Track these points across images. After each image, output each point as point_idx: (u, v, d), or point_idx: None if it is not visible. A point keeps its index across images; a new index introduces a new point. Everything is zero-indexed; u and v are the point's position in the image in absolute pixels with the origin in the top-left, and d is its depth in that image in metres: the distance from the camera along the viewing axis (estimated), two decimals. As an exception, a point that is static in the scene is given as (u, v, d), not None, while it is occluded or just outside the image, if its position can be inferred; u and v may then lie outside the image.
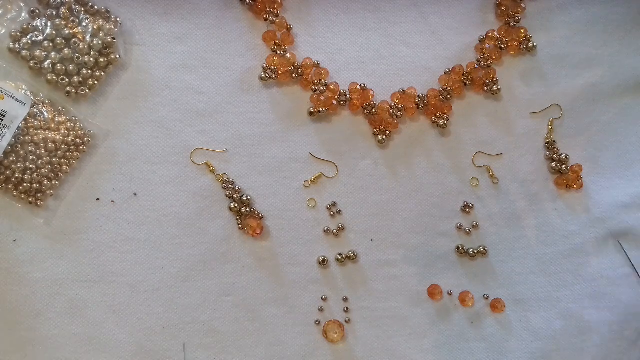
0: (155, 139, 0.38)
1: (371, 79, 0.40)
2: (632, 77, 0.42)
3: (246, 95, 0.39)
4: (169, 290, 0.37)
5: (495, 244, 0.40)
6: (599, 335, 0.39)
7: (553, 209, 0.41)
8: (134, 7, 0.39)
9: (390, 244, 0.39)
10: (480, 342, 0.39)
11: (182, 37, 0.39)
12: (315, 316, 0.38)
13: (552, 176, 0.41)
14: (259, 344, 0.37)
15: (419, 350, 0.38)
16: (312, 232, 0.39)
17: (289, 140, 0.39)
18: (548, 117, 0.41)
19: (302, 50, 0.40)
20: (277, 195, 0.39)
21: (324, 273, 0.39)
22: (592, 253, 0.40)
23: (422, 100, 0.40)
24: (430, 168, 0.40)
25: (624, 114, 0.42)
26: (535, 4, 0.42)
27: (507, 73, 0.41)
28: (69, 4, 0.38)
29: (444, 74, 0.41)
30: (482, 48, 0.41)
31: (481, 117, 0.41)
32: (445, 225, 0.40)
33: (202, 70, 0.39)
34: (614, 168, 0.41)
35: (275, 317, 0.38)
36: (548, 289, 0.40)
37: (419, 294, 0.39)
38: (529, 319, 0.39)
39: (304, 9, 0.41)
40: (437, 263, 0.39)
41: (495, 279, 0.40)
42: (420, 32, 0.41)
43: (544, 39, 0.42)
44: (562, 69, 0.42)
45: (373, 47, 0.41)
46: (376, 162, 0.40)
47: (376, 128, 0.40)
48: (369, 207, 0.39)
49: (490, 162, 0.41)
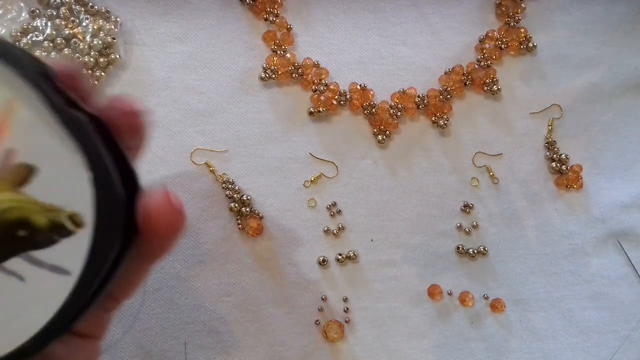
0: (155, 139, 0.38)
1: (371, 79, 0.40)
2: (632, 77, 0.42)
3: (246, 95, 0.39)
4: (169, 290, 0.37)
5: (495, 244, 0.40)
6: (599, 335, 0.39)
7: (553, 209, 0.41)
8: (134, 7, 0.39)
9: (390, 244, 0.39)
10: (480, 342, 0.39)
11: (182, 37, 0.39)
12: (315, 316, 0.38)
13: (552, 176, 0.41)
14: (259, 344, 0.37)
15: (419, 350, 0.38)
16: (312, 232, 0.39)
17: (289, 140, 0.39)
18: (548, 117, 0.41)
19: (302, 50, 0.40)
20: (277, 195, 0.39)
21: (324, 273, 0.39)
22: (592, 253, 0.40)
23: (422, 100, 0.40)
24: (430, 168, 0.40)
25: (624, 114, 0.42)
26: (535, 4, 0.42)
27: (507, 73, 0.41)
28: (69, 4, 0.38)
29: (444, 74, 0.41)
30: (482, 48, 0.41)
31: (481, 117, 0.41)
32: (445, 225, 0.40)
33: (202, 70, 0.39)
34: (614, 168, 0.41)
35: (275, 317, 0.38)
36: (548, 289, 0.40)
37: (419, 294, 0.39)
38: (529, 319, 0.39)
39: (304, 9, 0.41)
40: (437, 263, 0.39)
41: (495, 279, 0.40)
42: (420, 32, 0.41)
43: (544, 39, 0.42)
44: (562, 69, 0.42)
45: (373, 47, 0.41)
46: (376, 162, 0.40)
47: (376, 128, 0.40)
48: (369, 207, 0.39)
49: (490, 162, 0.41)
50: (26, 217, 0.20)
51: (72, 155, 0.20)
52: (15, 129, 0.20)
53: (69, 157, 0.21)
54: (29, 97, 0.20)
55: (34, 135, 0.21)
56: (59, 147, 0.21)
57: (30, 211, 0.20)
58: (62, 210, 0.20)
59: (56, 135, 0.20)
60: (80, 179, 0.20)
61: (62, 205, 0.21)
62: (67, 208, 0.21)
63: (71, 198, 0.21)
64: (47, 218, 0.20)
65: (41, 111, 0.20)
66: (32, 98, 0.20)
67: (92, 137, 0.21)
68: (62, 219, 0.21)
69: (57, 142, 0.20)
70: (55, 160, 0.21)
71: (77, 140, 0.20)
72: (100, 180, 0.20)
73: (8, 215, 0.20)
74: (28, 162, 0.20)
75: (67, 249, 0.21)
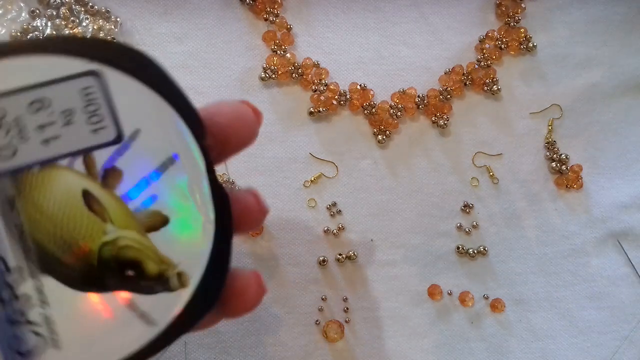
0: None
1: (371, 79, 0.40)
2: (632, 77, 0.42)
3: (246, 95, 0.39)
4: (169, 290, 0.37)
5: (495, 244, 0.40)
6: (599, 335, 0.39)
7: (553, 209, 0.41)
8: (134, 7, 0.39)
9: (390, 244, 0.39)
10: (480, 342, 0.39)
11: (182, 37, 0.39)
12: (315, 316, 0.38)
13: (552, 176, 0.41)
14: (259, 344, 0.37)
15: (419, 350, 0.38)
16: (312, 232, 0.39)
17: (289, 140, 0.39)
18: (548, 117, 0.41)
19: (302, 50, 0.40)
20: (277, 195, 0.39)
21: (324, 273, 0.39)
22: (592, 253, 0.40)
23: (422, 100, 0.40)
24: (430, 168, 0.40)
25: (624, 114, 0.42)
26: (535, 4, 0.42)
27: (507, 73, 0.41)
28: (69, 4, 0.38)
29: (444, 74, 0.41)
30: (482, 48, 0.41)
31: (481, 117, 0.41)
32: (445, 225, 0.40)
33: (202, 70, 0.39)
34: (614, 168, 0.41)
35: (275, 317, 0.38)
36: (548, 289, 0.40)
37: (419, 294, 0.39)
38: (529, 319, 0.39)
39: (304, 9, 0.41)
40: (437, 263, 0.39)
41: (495, 279, 0.40)
42: (420, 32, 0.41)
43: (544, 39, 0.42)
44: (562, 69, 0.42)
45: (373, 47, 0.41)
46: (376, 162, 0.40)
47: (376, 128, 0.40)
48: (369, 207, 0.39)
49: (490, 162, 0.41)
50: (140, 261, 0.21)
51: (206, 222, 0.22)
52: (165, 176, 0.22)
53: (203, 223, 0.22)
54: (188, 153, 0.22)
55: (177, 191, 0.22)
56: (196, 211, 0.22)
57: (146, 256, 0.21)
58: (174, 266, 0.21)
59: (198, 199, 0.22)
60: (201, 247, 0.22)
61: (176, 262, 0.21)
62: (179, 265, 0.21)
63: (186, 258, 0.21)
64: (158, 268, 0.21)
65: (195, 171, 0.22)
66: (190, 156, 0.22)
67: (226, 215, 0.22)
68: (170, 274, 0.21)
69: (196, 206, 0.22)
70: (188, 220, 0.22)
71: (216, 212, 0.22)
72: (216, 255, 0.22)
73: (126, 252, 0.21)
74: (165, 213, 0.21)
75: (162, 301, 0.21)
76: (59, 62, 0.21)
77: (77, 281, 0.21)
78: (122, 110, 0.21)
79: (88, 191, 0.21)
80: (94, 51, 0.21)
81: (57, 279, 0.21)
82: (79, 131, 0.21)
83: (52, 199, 0.21)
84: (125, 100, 0.21)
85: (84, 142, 0.21)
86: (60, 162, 0.21)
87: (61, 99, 0.21)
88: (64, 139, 0.21)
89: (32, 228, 0.21)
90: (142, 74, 0.22)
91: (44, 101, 0.21)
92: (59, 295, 0.21)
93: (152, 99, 0.22)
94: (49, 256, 0.21)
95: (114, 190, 0.21)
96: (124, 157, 0.21)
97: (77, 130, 0.21)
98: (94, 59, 0.21)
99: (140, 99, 0.22)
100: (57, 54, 0.21)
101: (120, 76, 0.21)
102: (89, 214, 0.21)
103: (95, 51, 0.21)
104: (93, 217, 0.21)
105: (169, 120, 0.22)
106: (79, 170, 0.21)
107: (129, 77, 0.21)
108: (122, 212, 0.21)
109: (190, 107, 0.22)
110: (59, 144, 0.21)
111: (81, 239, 0.21)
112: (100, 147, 0.21)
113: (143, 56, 0.22)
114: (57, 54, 0.21)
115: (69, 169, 0.21)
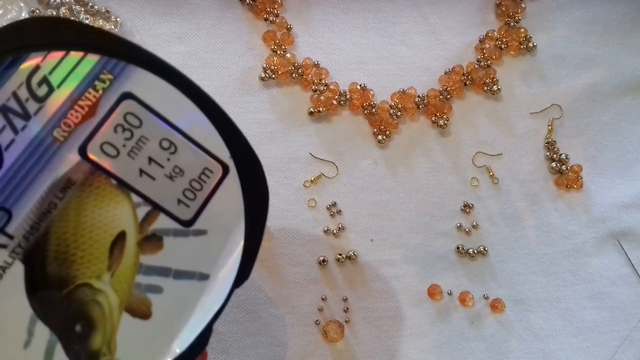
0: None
1: (371, 79, 0.40)
2: (632, 77, 0.42)
3: (246, 95, 0.39)
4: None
5: (495, 244, 0.40)
6: (599, 335, 0.39)
7: (553, 209, 0.41)
8: (134, 7, 0.39)
9: (390, 244, 0.39)
10: (480, 342, 0.39)
11: (182, 37, 0.39)
12: (315, 316, 0.38)
13: (552, 176, 0.41)
14: (259, 344, 0.37)
15: (419, 350, 0.38)
16: (312, 232, 0.39)
17: (289, 140, 0.39)
18: (548, 117, 0.41)
19: (302, 50, 0.40)
20: (277, 195, 0.39)
21: (324, 273, 0.39)
22: (592, 253, 0.40)
23: (422, 100, 0.40)
24: (430, 168, 0.40)
25: (624, 114, 0.42)
26: (535, 4, 0.42)
27: (507, 73, 0.41)
28: (69, 4, 0.38)
29: (444, 74, 0.41)
30: (482, 48, 0.41)
31: (481, 117, 0.41)
32: (445, 225, 0.40)
33: (202, 70, 0.39)
34: (614, 168, 0.41)
35: (275, 317, 0.38)
36: (548, 289, 0.40)
37: (419, 294, 0.39)
38: (529, 319, 0.39)
39: (304, 9, 0.41)
40: (437, 263, 0.39)
41: (495, 279, 0.40)
42: (420, 32, 0.41)
43: (544, 39, 0.42)
44: (562, 69, 0.42)
45: (373, 47, 0.41)
46: (376, 162, 0.40)
47: (376, 128, 0.40)
48: (369, 207, 0.39)
49: (490, 162, 0.41)
50: (95, 327, 0.21)
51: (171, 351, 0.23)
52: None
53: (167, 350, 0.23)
54: (218, 292, 0.23)
55: None
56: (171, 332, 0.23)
57: (103, 328, 0.21)
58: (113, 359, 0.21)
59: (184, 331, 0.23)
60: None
61: (118, 357, 0.21)
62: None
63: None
64: (100, 347, 0.21)
65: (206, 308, 0.23)
66: (214, 298, 0.23)
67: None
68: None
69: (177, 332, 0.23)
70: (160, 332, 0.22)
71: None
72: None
73: (93, 309, 0.21)
74: (151, 309, 0.22)
75: None
76: (218, 143, 0.22)
77: (34, 286, 0.20)
78: (211, 206, 0.22)
79: (125, 236, 0.21)
80: (248, 153, 0.23)
81: (27, 272, 0.20)
82: (171, 191, 0.21)
83: (97, 211, 0.21)
84: (220, 203, 0.22)
85: (164, 201, 0.21)
86: (133, 196, 0.21)
87: (187, 160, 0.21)
88: (155, 183, 0.21)
89: (59, 216, 0.20)
90: (257, 212, 0.23)
91: (174, 148, 0.21)
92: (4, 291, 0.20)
93: (241, 224, 0.22)
94: (42, 249, 0.20)
95: (140, 254, 0.21)
96: (175, 239, 0.21)
97: (170, 188, 0.21)
98: (236, 156, 0.23)
99: (234, 213, 0.22)
100: (224, 138, 0.22)
101: (234, 191, 0.22)
102: (106, 252, 0.21)
103: (249, 154, 0.23)
104: (105, 257, 0.21)
105: (236, 254, 0.23)
106: (138, 214, 0.21)
107: (240, 199, 0.22)
108: (126, 278, 0.21)
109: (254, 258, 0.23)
110: (149, 182, 0.21)
111: (78, 261, 0.21)
112: (169, 216, 0.21)
113: (265, 186, 0.23)
114: (225, 138, 0.22)
115: (133, 206, 0.21)
